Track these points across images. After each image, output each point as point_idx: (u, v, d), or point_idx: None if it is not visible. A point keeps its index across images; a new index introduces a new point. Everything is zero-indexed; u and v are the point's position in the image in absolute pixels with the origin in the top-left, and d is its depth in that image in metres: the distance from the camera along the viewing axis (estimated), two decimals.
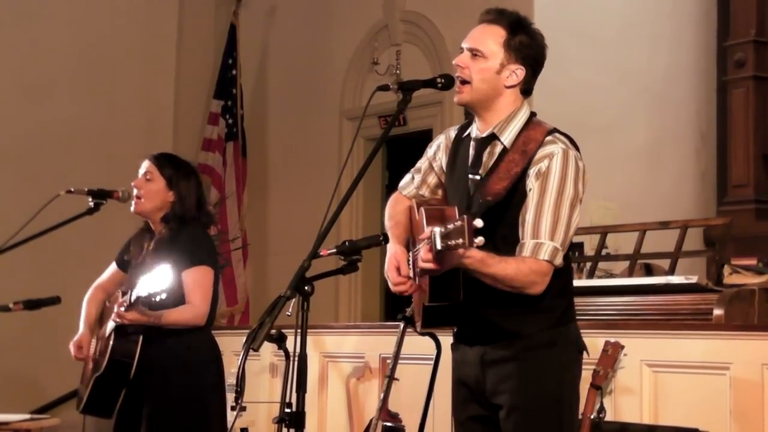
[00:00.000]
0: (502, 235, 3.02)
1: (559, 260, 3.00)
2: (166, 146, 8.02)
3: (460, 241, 2.68)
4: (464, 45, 3.15)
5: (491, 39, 3.10)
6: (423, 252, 2.86)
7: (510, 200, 3.04)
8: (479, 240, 2.67)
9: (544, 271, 2.98)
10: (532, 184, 3.02)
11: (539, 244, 2.97)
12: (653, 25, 7.80)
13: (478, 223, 2.67)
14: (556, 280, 3.04)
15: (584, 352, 3.20)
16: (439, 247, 2.73)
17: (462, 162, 3.20)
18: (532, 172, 3.02)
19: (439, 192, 3.35)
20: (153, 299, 3.99)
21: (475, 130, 3.19)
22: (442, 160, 3.31)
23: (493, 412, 3.12)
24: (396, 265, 3.18)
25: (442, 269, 2.88)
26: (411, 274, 3.16)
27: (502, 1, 3.43)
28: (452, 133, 3.31)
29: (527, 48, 3.11)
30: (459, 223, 2.69)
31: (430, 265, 2.86)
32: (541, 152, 3.04)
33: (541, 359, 3.05)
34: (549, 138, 3.07)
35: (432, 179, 3.36)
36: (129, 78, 8.63)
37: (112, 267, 4.59)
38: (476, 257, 2.88)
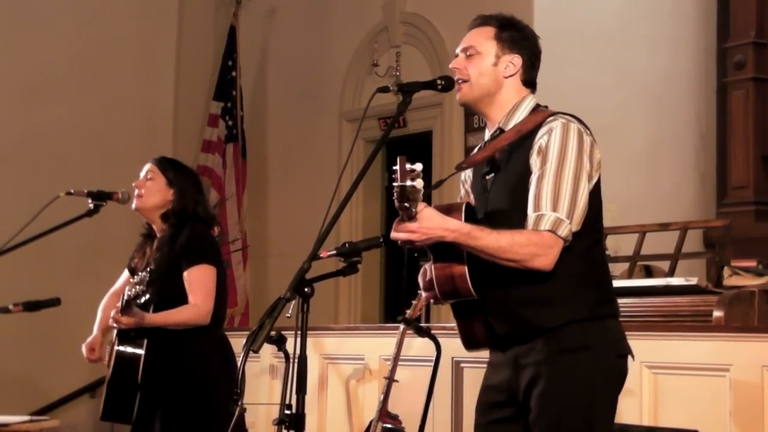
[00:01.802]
0: (489, 211, 2.99)
1: (564, 232, 2.89)
2: (165, 148, 8.03)
3: (397, 182, 2.67)
4: (457, 50, 3.18)
5: (482, 36, 3.13)
6: (394, 224, 2.86)
7: (491, 170, 3.03)
8: (418, 183, 2.65)
9: (546, 243, 2.88)
10: (534, 161, 2.98)
11: (540, 216, 2.90)
12: (652, 27, 7.80)
13: (418, 166, 2.65)
14: (580, 265, 2.96)
15: (629, 356, 3.06)
16: (396, 204, 2.74)
17: (478, 167, 3.20)
18: (534, 150, 2.99)
19: None
20: (138, 301, 4.02)
21: (487, 134, 3.19)
22: (470, 178, 3.28)
23: (523, 415, 3.02)
24: (424, 270, 3.13)
25: (419, 238, 2.84)
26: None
27: (502, 2, 3.44)
28: (476, 149, 3.30)
29: (519, 39, 3.13)
30: (395, 167, 2.69)
31: (398, 235, 2.85)
32: (541, 131, 3.01)
33: (571, 364, 2.93)
34: (550, 118, 3.04)
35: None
36: (129, 79, 8.63)
37: (125, 274, 4.61)
38: (463, 230, 2.85)
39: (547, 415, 2.95)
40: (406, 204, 2.74)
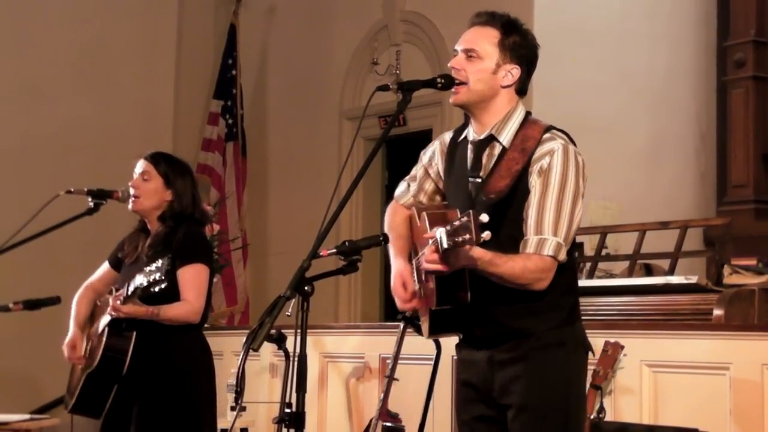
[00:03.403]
0: (508, 234, 3.03)
1: (562, 256, 3.00)
2: (165, 146, 7.99)
3: (467, 236, 2.70)
4: (458, 47, 3.17)
5: (485, 40, 3.12)
6: (428, 252, 2.87)
7: (512, 198, 3.05)
8: (486, 234, 2.70)
9: (548, 267, 2.99)
10: (534, 181, 3.03)
11: (543, 240, 2.98)
12: (653, 25, 7.80)
13: (484, 217, 2.70)
14: (561, 277, 3.04)
15: (590, 352, 3.20)
16: (445, 245, 2.75)
17: (460, 166, 3.20)
18: (534, 169, 3.04)
19: (437, 198, 3.35)
20: (152, 289, 4.00)
21: (472, 133, 3.19)
22: (438, 165, 3.31)
23: (500, 412, 3.11)
24: (402, 281, 3.19)
25: (450, 269, 2.88)
26: (416, 286, 3.17)
27: (502, 2, 3.43)
28: (447, 137, 3.32)
29: (521, 47, 3.13)
30: (465, 218, 2.71)
31: (436, 266, 2.88)
32: (540, 150, 3.05)
33: (550, 359, 3.05)
34: (547, 135, 3.08)
35: (429, 186, 3.36)
36: (129, 78, 8.63)
37: (105, 266, 4.58)
38: (485, 258, 2.89)
39: (529, 408, 3.03)
40: (456, 246, 2.78)
